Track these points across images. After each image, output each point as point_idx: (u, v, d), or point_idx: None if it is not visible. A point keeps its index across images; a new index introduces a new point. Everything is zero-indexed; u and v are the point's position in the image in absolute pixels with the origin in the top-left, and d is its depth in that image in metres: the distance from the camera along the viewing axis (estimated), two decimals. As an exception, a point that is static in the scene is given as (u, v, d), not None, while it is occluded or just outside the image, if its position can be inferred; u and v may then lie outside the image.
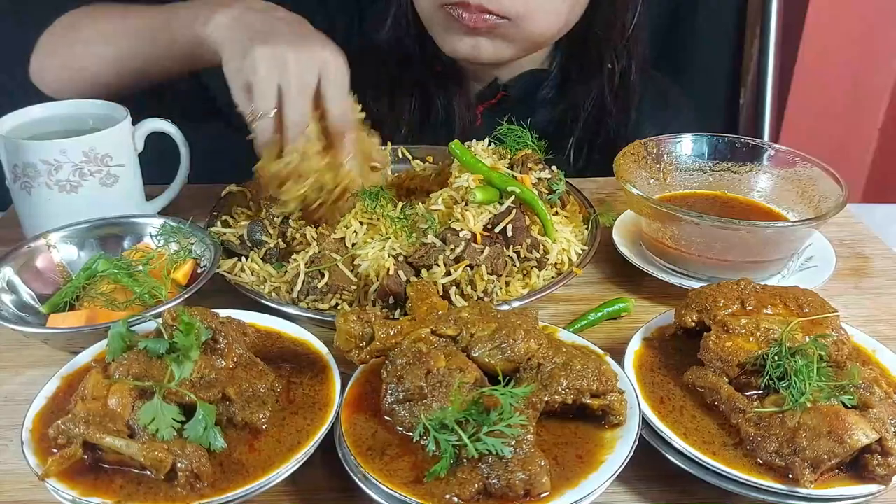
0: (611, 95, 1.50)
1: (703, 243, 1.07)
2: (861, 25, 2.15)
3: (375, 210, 1.10)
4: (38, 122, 1.20)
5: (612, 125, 1.52)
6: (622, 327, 1.05)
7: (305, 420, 0.79)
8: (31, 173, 1.11)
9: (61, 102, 1.23)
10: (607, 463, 0.74)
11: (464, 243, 1.02)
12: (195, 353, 0.79)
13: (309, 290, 1.01)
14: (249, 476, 0.73)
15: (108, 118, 1.18)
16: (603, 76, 1.48)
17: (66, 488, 0.71)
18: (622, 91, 1.51)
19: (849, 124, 2.30)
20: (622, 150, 1.19)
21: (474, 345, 0.82)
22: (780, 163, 1.20)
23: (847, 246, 1.25)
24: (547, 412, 0.79)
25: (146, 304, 0.98)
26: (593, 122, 1.52)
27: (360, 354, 0.84)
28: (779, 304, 0.89)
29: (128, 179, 1.17)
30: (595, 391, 0.78)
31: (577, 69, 1.51)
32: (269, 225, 1.10)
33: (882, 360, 0.89)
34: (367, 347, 0.83)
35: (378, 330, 0.84)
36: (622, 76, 1.50)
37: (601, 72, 1.48)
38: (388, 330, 0.84)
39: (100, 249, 1.09)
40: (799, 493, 0.73)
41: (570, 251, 1.12)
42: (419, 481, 0.72)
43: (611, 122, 1.52)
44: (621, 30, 1.46)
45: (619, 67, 1.48)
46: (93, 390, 0.77)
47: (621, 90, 1.51)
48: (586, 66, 1.50)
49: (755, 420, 0.78)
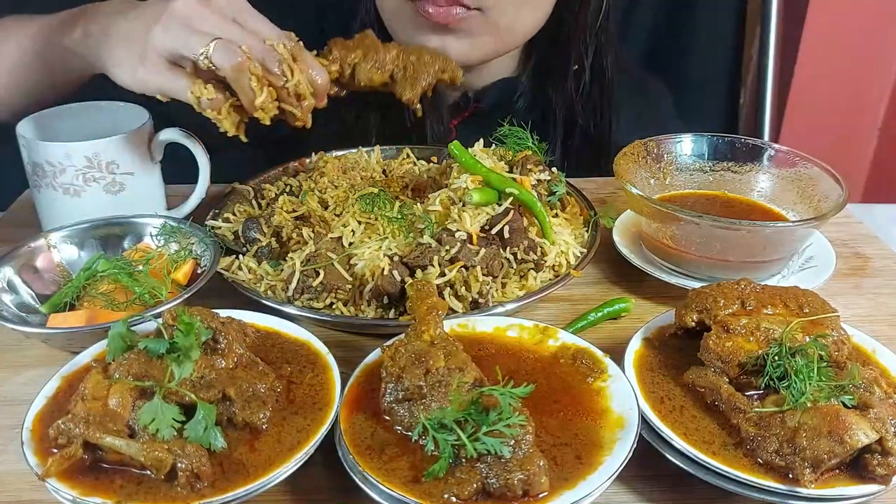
0: (581, 96, 1.46)
1: (703, 243, 1.07)
2: (861, 25, 2.15)
3: (373, 210, 1.11)
4: (76, 120, 1.21)
5: (591, 126, 1.49)
6: (622, 327, 1.05)
7: (305, 420, 0.79)
8: (40, 173, 1.12)
9: (110, 103, 1.23)
10: (606, 464, 0.74)
11: (459, 244, 1.02)
12: (195, 353, 0.79)
13: (304, 289, 1.01)
14: (249, 476, 0.73)
15: (130, 125, 1.17)
16: (573, 77, 1.45)
17: (66, 488, 0.71)
18: (596, 90, 1.47)
19: (849, 124, 2.30)
20: (622, 150, 1.19)
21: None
22: (780, 163, 1.20)
23: (847, 246, 1.25)
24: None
25: (146, 304, 0.98)
26: (570, 125, 1.49)
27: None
28: (779, 304, 0.89)
29: (137, 189, 1.16)
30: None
31: (547, 74, 1.48)
32: (263, 224, 1.10)
33: (882, 360, 0.89)
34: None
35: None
36: (595, 76, 1.46)
37: (571, 73, 1.45)
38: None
39: (100, 249, 1.09)
40: (799, 493, 0.73)
41: (569, 253, 1.12)
42: (418, 481, 0.72)
43: (586, 123, 1.48)
44: (588, 25, 1.42)
45: (588, 65, 1.44)
46: (93, 390, 0.77)
47: (595, 90, 1.47)
48: (557, 68, 1.46)
49: (755, 420, 0.78)
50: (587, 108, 1.48)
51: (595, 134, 1.51)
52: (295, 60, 1.04)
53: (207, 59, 0.98)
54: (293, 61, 1.03)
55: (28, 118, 1.17)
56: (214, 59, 0.98)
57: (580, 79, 1.46)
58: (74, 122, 1.22)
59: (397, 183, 1.27)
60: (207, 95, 1.00)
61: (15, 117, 1.18)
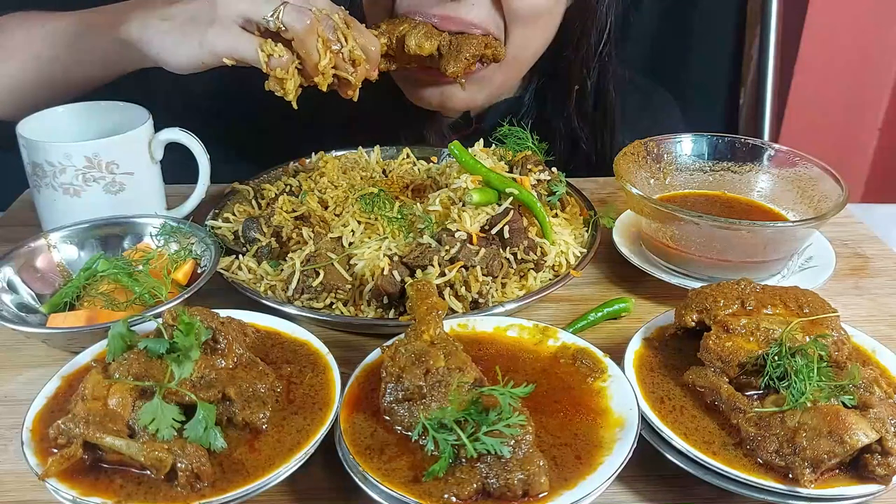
0: (583, 118, 1.47)
1: (703, 243, 1.07)
2: (861, 25, 2.15)
3: (373, 210, 1.11)
4: (76, 120, 1.21)
5: (594, 148, 1.49)
6: (622, 327, 1.05)
7: (305, 420, 0.79)
8: (40, 173, 1.12)
9: (110, 103, 1.23)
10: (606, 464, 0.74)
11: (459, 244, 1.02)
12: (195, 353, 0.79)
13: (304, 289, 1.01)
14: (249, 476, 0.73)
15: (130, 125, 1.17)
16: (574, 98, 1.45)
17: (66, 488, 0.71)
18: (600, 112, 1.48)
19: (849, 124, 2.30)
20: (622, 150, 1.19)
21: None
22: (780, 163, 1.20)
23: (847, 246, 1.25)
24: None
25: (146, 304, 0.98)
26: (573, 145, 1.49)
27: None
28: (779, 304, 0.89)
29: (137, 188, 1.16)
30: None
31: (550, 94, 1.48)
32: (263, 224, 1.10)
33: (882, 360, 0.89)
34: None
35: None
36: (598, 97, 1.47)
37: (572, 94, 1.45)
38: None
39: (100, 249, 1.09)
40: (799, 492, 0.73)
41: (569, 253, 1.12)
42: (418, 481, 0.72)
43: (588, 145, 1.49)
44: (594, 46, 1.42)
45: (590, 87, 1.45)
46: (93, 390, 0.77)
47: (598, 111, 1.48)
48: (557, 90, 1.47)
49: (755, 420, 0.78)
50: (586, 128, 1.49)
51: (597, 155, 1.51)
52: (349, 27, 1.07)
53: (279, 20, 1.00)
54: (347, 29, 1.07)
55: (28, 118, 1.17)
56: (285, 19, 1.00)
57: (581, 100, 1.47)
58: (74, 122, 1.22)
59: (397, 183, 1.27)
60: (279, 53, 1.02)
61: (22, 114, 1.18)
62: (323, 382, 0.84)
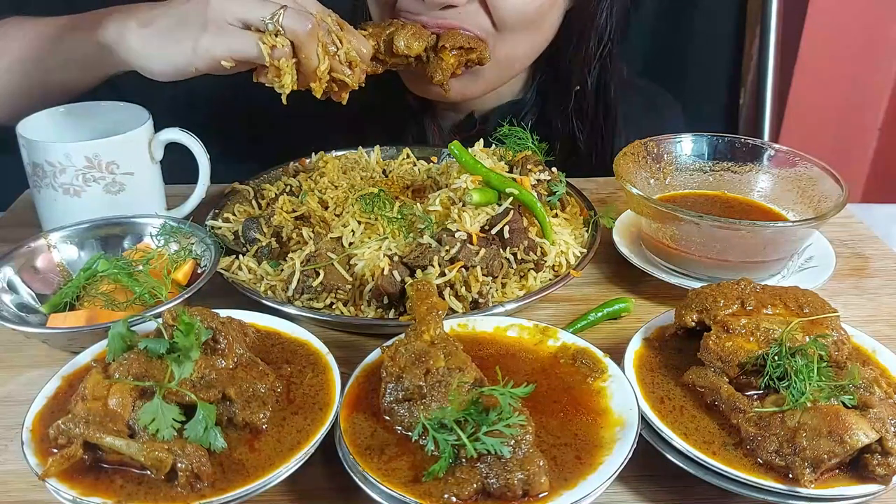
0: (583, 119, 1.47)
1: (703, 243, 1.07)
2: (861, 25, 2.15)
3: (373, 211, 1.11)
4: (76, 120, 1.21)
5: (594, 150, 1.49)
6: (622, 327, 1.05)
7: (305, 420, 0.79)
8: (40, 173, 1.12)
9: (110, 103, 1.23)
10: (606, 464, 0.74)
11: (459, 244, 1.02)
12: (195, 353, 0.79)
13: (304, 289, 1.01)
14: (249, 476, 0.73)
15: (130, 125, 1.17)
16: (574, 99, 1.45)
17: (66, 488, 0.71)
18: (601, 113, 1.48)
19: (849, 124, 2.30)
20: (622, 150, 1.19)
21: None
22: (780, 163, 1.20)
23: (847, 246, 1.25)
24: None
25: (146, 304, 0.98)
26: (573, 145, 1.49)
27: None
28: (779, 305, 0.89)
29: (137, 188, 1.16)
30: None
31: (553, 94, 1.48)
32: (263, 224, 1.10)
33: (882, 360, 0.89)
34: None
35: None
36: (599, 98, 1.47)
37: (573, 95, 1.45)
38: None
39: (100, 249, 1.09)
40: (799, 492, 0.73)
41: (569, 253, 1.12)
42: (418, 481, 0.72)
43: (587, 147, 1.49)
44: (594, 48, 1.42)
45: (591, 86, 1.45)
46: (93, 390, 0.77)
47: (599, 112, 1.48)
48: (558, 92, 1.47)
49: (755, 420, 0.78)
50: (587, 128, 1.49)
51: (597, 155, 1.51)
52: (342, 30, 1.08)
53: (278, 24, 0.99)
54: (340, 31, 1.07)
55: (28, 118, 1.17)
56: (286, 23, 0.99)
57: (582, 100, 1.47)
58: (74, 122, 1.22)
59: (397, 183, 1.27)
60: (281, 43, 1.00)
61: (11, 119, 1.18)
62: (323, 382, 0.84)
